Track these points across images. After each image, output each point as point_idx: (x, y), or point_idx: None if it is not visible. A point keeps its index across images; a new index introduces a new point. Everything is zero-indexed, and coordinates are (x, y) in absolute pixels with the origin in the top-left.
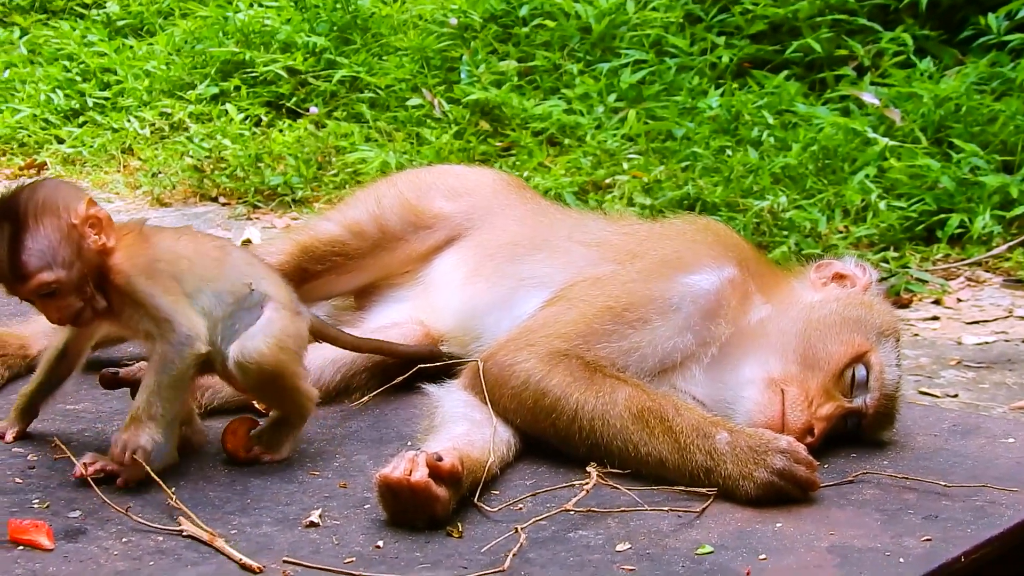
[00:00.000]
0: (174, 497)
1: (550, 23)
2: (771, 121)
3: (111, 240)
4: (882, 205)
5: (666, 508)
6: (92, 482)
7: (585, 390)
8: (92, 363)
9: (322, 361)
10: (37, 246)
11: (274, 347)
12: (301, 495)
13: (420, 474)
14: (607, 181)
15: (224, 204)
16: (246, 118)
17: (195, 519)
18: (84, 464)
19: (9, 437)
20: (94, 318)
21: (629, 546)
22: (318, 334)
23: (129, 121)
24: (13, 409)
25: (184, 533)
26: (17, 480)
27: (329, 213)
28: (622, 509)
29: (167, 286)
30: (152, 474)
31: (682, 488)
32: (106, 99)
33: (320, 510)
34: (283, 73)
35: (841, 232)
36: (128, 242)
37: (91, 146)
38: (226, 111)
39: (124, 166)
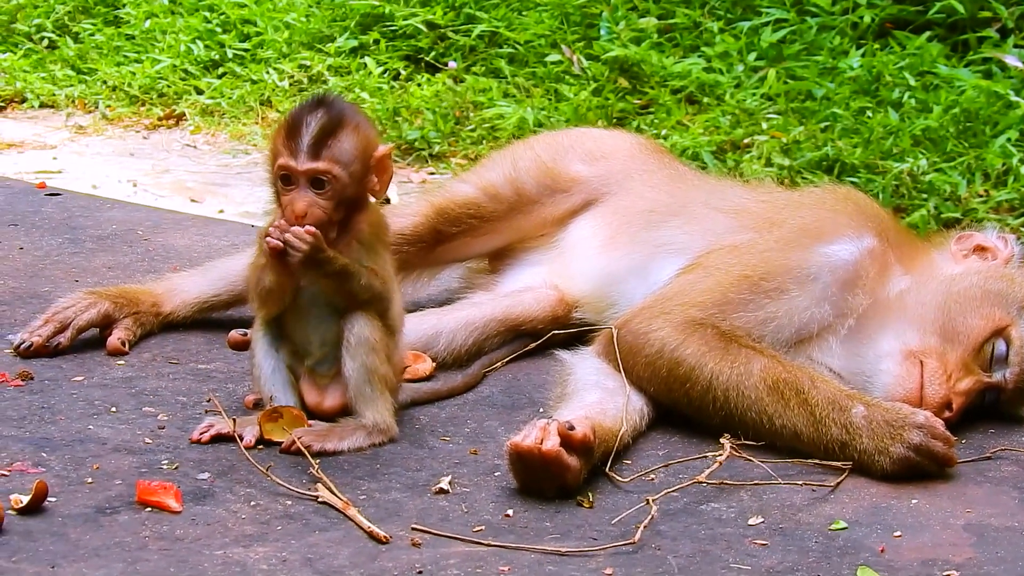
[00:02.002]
0: (316, 465)
1: None
2: (912, 83)
3: (383, 192)
4: (1023, 169)
5: (800, 482)
6: (239, 442)
7: (720, 360)
8: (221, 323)
9: (455, 324)
10: (345, 144)
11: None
12: (431, 461)
13: (552, 443)
14: (745, 141)
15: None
16: (385, 71)
17: (332, 487)
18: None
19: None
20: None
21: (762, 520)
22: None
23: (268, 73)
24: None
25: (320, 499)
26: (147, 440)
27: (464, 175)
28: (755, 482)
29: (391, 262)
30: (304, 449)
31: (816, 461)
32: (246, 51)
33: (450, 477)
34: (422, 27)
35: (981, 196)
36: (376, 207)
37: (230, 97)
38: (365, 64)
39: (262, 118)
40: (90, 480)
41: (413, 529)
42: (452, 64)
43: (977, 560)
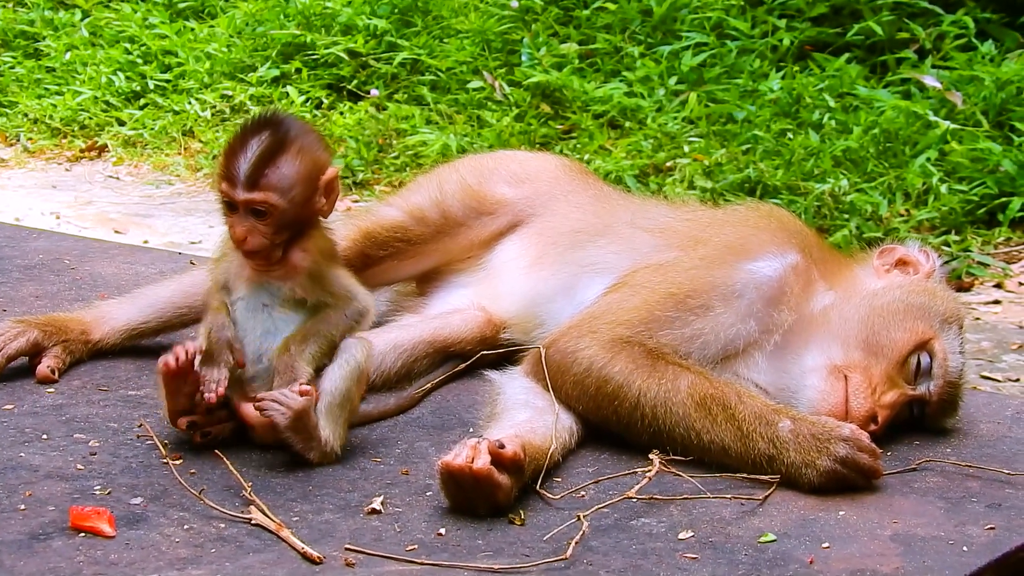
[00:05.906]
0: (248, 488)
1: (611, 6)
2: (832, 104)
3: (330, 212)
4: (943, 188)
5: (729, 496)
6: (172, 464)
7: (647, 377)
8: (151, 350)
9: (384, 347)
10: (285, 171)
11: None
12: (363, 482)
13: (482, 461)
14: (668, 164)
15: None
16: (307, 100)
17: (264, 509)
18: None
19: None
20: (268, 263)
21: (692, 534)
22: None
23: (190, 103)
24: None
25: (252, 522)
26: (79, 466)
27: (391, 199)
28: (684, 497)
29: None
30: (226, 462)
31: (745, 476)
32: (167, 81)
33: (382, 497)
34: (344, 55)
35: (902, 216)
36: (322, 228)
37: (152, 128)
38: (287, 93)
39: (185, 148)
40: (23, 507)
41: (347, 549)
42: (374, 92)
43: (905, 569)
